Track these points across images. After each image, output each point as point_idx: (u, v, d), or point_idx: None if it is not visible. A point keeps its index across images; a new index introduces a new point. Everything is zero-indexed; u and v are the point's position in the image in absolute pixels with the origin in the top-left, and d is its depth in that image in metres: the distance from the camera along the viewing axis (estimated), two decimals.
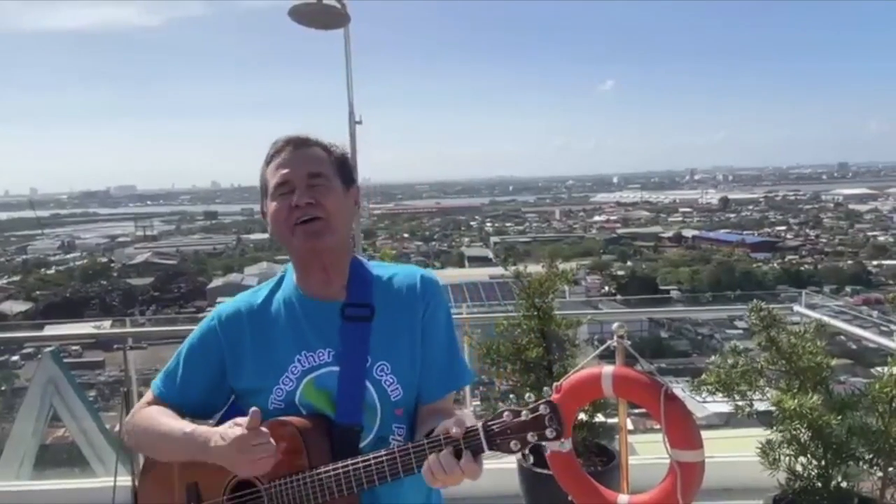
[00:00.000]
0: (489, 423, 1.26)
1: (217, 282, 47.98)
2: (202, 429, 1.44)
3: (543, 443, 1.22)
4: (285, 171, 1.51)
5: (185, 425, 1.48)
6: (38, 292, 45.70)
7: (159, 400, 1.60)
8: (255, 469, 1.36)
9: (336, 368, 1.49)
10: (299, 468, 1.41)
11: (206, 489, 1.51)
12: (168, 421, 1.51)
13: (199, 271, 53.69)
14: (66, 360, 4.68)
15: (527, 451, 1.23)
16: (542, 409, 1.22)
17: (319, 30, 3.67)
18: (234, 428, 1.36)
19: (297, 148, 1.54)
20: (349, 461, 1.37)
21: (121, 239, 72.71)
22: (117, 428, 4.24)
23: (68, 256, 61.99)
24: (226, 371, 1.56)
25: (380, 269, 1.63)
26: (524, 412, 1.23)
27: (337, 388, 1.48)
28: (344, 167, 1.59)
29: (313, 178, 1.50)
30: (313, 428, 1.44)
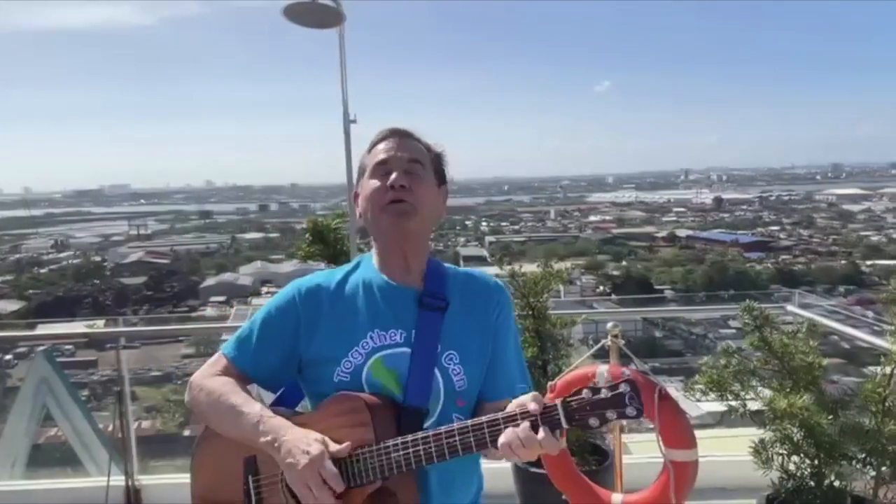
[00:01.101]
0: (569, 399, 1.27)
1: (210, 281, 47.85)
2: (279, 421, 1.44)
3: (623, 420, 1.25)
4: (389, 153, 1.58)
5: (262, 411, 1.46)
6: (30, 291, 45.47)
7: (230, 364, 1.59)
8: (307, 498, 1.36)
9: (406, 350, 1.51)
10: (366, 443, 1.40)
11: (262, 463, 1.50)
12: (242, 398, 1.50)
13: (192, 270, 53.50)
14: (58, 360, 4.66)
15: (606, 427, 1.28)
16: (623, 388, 1.25)
17: (314, 29, 3.66)
18: (317, 443, 1.37)
19: (400, 137, 1.61)
20: (419, 434, 1.37)
21: (114, 238, 72.35)
22: (110, 427, 4.22)
23: (61, 255, 61.67)
24: (300, 341, 1.55)
25: (456, 270, 1.68)
26: (604, 390, 1.25)
27: (407, 370, 1.50)
28: (439, 165, 1.67)
29: (412, 164, 1.57)
30: (381, 404, 1.45)
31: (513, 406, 1.33)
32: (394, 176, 1.54)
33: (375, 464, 1.38)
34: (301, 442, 1.38)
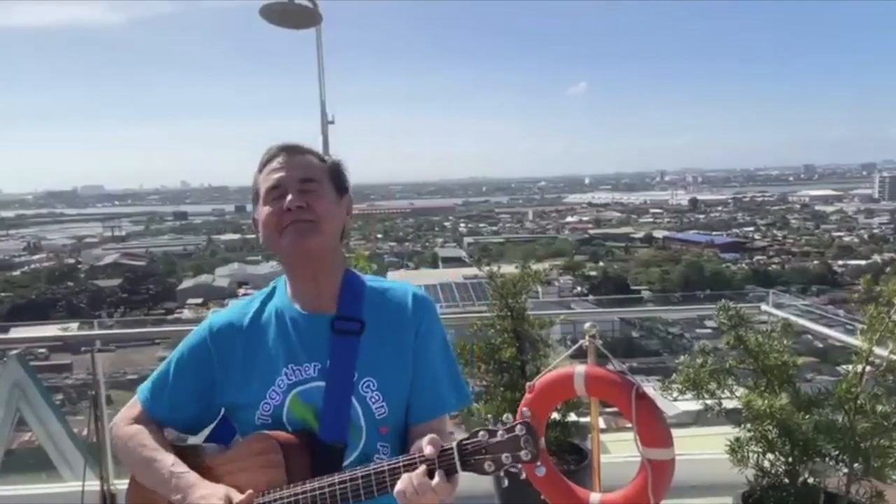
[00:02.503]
0: (464, 443, 1.23)
1: (187, 283, 47.47)
2: (188, 479, 1.43)
3: (518, 464, 1.20)
4: (278, 175, 1.51)
5: (173, 466, 1.46)
6: (2, 294, 44.75)
7: (144, 411, 1.57)
8: None
9: (322, 383, 1.47)
10: (277, 483, 1.38)
11: None
12: (155, 453, 1.49)
13: (168, 272, 53.02)
14: (32, 363, 4.57)
15: (501, 473, 1.21)
16: (518, 430, 1.20)
17: (291, 29, 3.65)
18: (218, 501, 1.36)
19: (290, 154, 1.54)
20: (325, 478, 1.35)
21: (88, 240, 71.46)
22: (85, 432, 4.17)
23: (34, 258, 60.74)
24: (215, 384, 1.53)
25: (374, 282, 1.61)
26: (500, 432, 1.21)
27: (322, 404, 1.46)
28: (337, 175, 1.59)
29: (305, 183, 1.50)
30: (296, 443, 1.43)
31: (414, 449, 1.30)
32: (289, 198, 1.47)
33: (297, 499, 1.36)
34: (205, 501, 1.38)
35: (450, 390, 1.59)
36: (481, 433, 1.22)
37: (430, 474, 1.24)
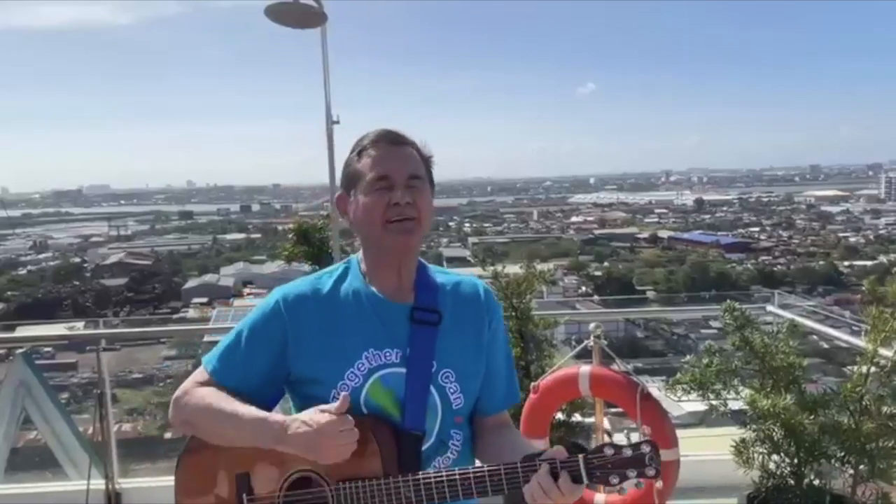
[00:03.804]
0: (590, 457, 1.30)
1: (192, 282, 47.52)
2: (278, 415, 1.41)
3: (641, 479, 1.28)
4: (387, 166, 1.50)
5: (257, 410, 1.42)
6: (9, 293, 44.87)
7: (214, 382, 1.51)
8: (340, 455, 1.34)
9: (403, 370, 1.48)
10: (372, 472, 1.38)
11: (258, 481, 1.44)
12: (235, 403, 1.44)
13: (174, 272, 53.09)
14: (38, 362, 4.59)
15: (623, 486, 1.30)
16: (644, 448, 1.29)
17: (296, 29, 3.65)
18: (320, 413, 1.34)
19: (394, 144, 1.54)
20: (431, 472, 1.37)
21: (94, 239, 71.61)
22: (90, 431, 4.18)
23: (40, 257, 60.91)
24: (287, 355, 1.49)
25: (441, 275, 1.63)
26: (626, 449, 1.29)
27: (404, 392, 1.47)
28: (430, 170, 1.60)
29: (413, 179, 1.51)
30: (383, 430, 1.43)
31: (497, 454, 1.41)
32: (398, 193, 1.47)
33: (383, 498, 1.36)
34: (305, 414, 1.37)
35: (514, 382, 1.67)
36: (606, 448, 1.30)
37: (554, 476, 1.29)
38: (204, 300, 40.22)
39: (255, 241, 62.77)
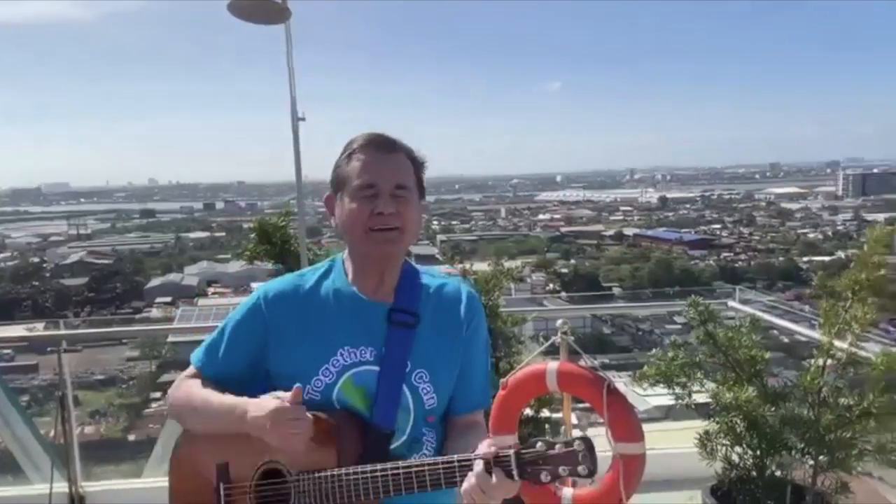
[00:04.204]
0: (522, 452, 1.26)
1: (155, 281, 46.72)
2: (243, 399, 1.46)
3: (574, 478, 1.23)
4: (373, 174, 1.50)
5: (228, 396, 1.49)
6: None
7: (200, 374, 1.60)
8: (286, 444, 1.37)
9: (376, 368, 1.50)
10: (328, 464, 1.41)
11: (236, 470, 1.49)
12: (210, 392, 1.53)
13: (136, 271, 52.11)
14: None
15: (557, 484, 1.26)
16: (577, 445, 1.23)
17: (259, 24, 3.61)
18: (273, 400, 1.38)
19: (384, 151, 1.53)
20: (378, 466, 1.37)
21: (53, 238, 70.04)
22: (52, 433, 4.10)
23: None
24: (267, 350, 1.55)
25: (428, 277, 1.65)
26: (558, 445, 1.24)
27: (376, 389, 1.49)
28: (420, 176, 1.59)
29: (400, 189, 1.51)
30: (348, 426, 1.46)
31: (455, 448, 1.39)
32: (382, 202, 1.48)
33: (336, 489, 1.39)
34: (261, 398, 1.42)
35: (488, 385, 1.68)
36: (539, 444, 1.25)
37: (488, 472, 1.27)
38: (168, 300, 39.64)
39: (220, 240, 61.99)
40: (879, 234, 2.91)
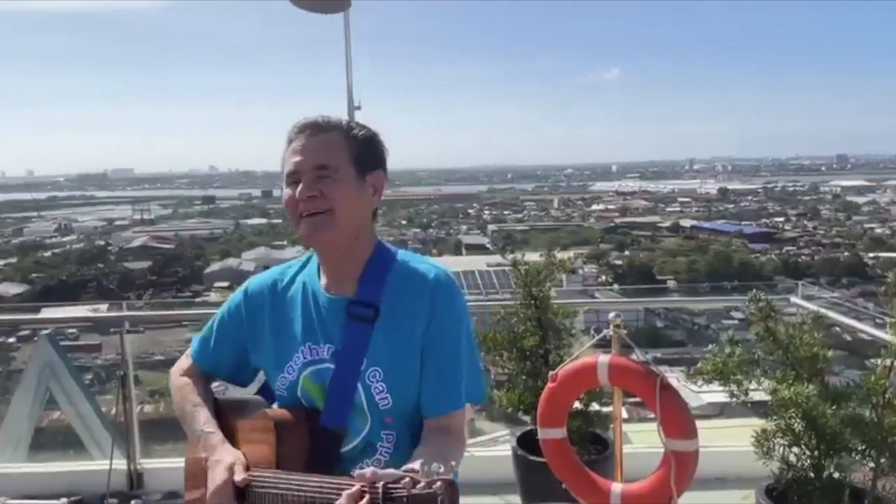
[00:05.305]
0: (389, 486, 1.15)
1: (214, 266, 48.03)
2: (212, 439, 1.48)
3: None
4: (295, 159, 1.45)
5: (204, 425, 1.51)
6: (34, 275, 45.60)
7: (194, 364, 1.66)
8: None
9: (332, 366, 1.47)
10: (265, 463, 1.40)
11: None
12: (194, 409, 1.56)
13: (196, 256, 53.62)
14: (62, 343, 4.67)
15: None
16: (437, 488, 1.10)
17: (320, 14, 3.66)
18: (224, 472, 1.39)
19: (311, 135, 1.46)
20: (283, 474, 1.33)
21: (118, 222, 72.62)
22: (113, 411, 4.24)
23: (65, 239, 61.84)
24: (247, 346, 1.60)
25: (404, 262, 1.54)
26: (422, 483, 1.12)
27: (328, 387, 1.47)
28: (365, 151, 1.50)
29: (320, 170, 1.43)
30: (293, 425, 1.45)
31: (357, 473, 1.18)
32: (300, 188, 1.43)
33: (270, 491, 1.34)
34: (218, 467, 1.41)
35: (460, 387, 1.50)
36: (406, 480, 1.13)
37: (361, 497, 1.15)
38: (225, 284, 40.58)
39: (277, 227, 63.12)
40: None
